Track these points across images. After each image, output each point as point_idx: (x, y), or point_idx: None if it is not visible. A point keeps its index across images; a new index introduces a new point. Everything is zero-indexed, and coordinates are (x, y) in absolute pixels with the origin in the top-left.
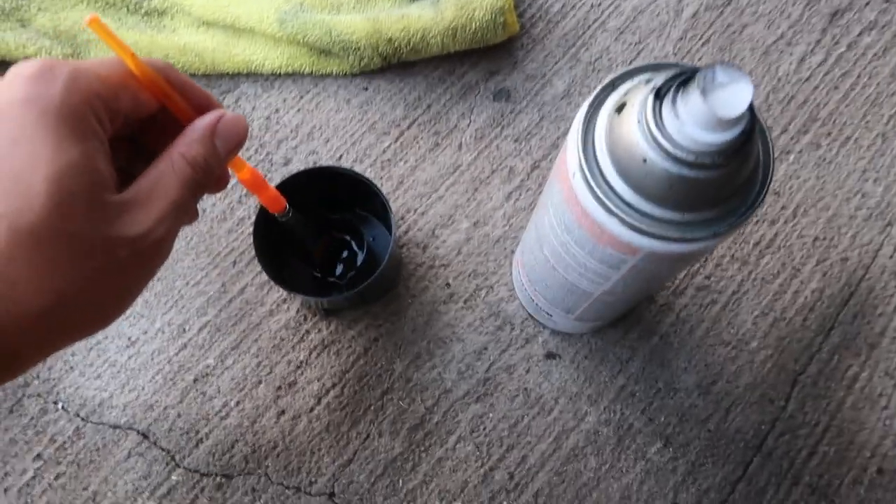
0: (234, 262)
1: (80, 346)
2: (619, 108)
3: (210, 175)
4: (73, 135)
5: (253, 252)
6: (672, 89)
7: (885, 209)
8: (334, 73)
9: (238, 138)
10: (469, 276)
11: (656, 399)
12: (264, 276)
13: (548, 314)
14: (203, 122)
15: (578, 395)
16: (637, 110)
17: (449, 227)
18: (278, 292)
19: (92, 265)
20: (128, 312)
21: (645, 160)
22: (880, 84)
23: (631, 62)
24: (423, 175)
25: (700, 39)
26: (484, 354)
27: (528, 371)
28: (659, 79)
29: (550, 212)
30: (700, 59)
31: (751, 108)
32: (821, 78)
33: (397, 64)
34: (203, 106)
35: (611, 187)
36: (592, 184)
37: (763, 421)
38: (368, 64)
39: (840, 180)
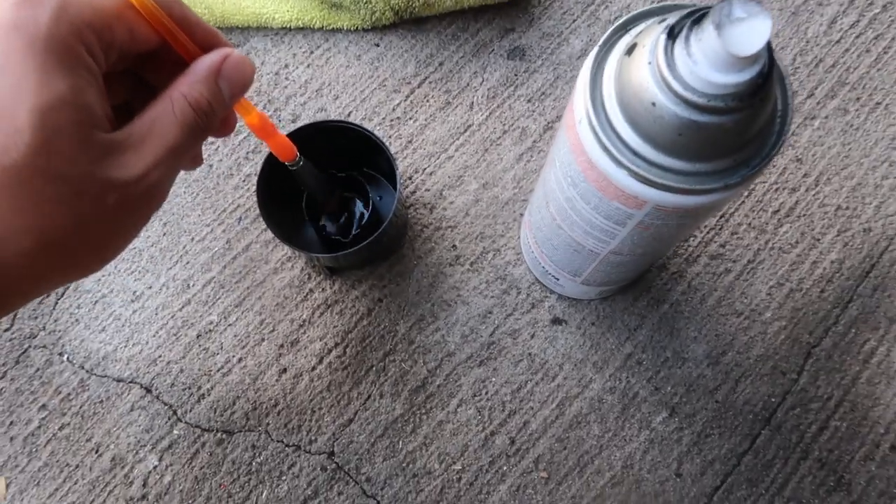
0: (240, 219)
1: (85, 299)
2: (630, 50)
3: (213, 118)
4: (61, 67)
5: (258, 209)
6: (686, 27)
7: None
8: (345, 27)
9: (244, 80)
10: (476, 238)
11: (664, 368)
12: (269, 234)
13: (555, 278)
14: (207, 62)
15: (583, 362)
16: (648, 51)
17: (457, 189)
18: (283, 250)
19: (79, 208)
20: (132, 267)
21: (654, 104)
22: None
23: None
24: (432, 134)
25: None
26: (489, 318)
27: (532, 336)
28: (673, 17)
29: (557, 165)
30: None
31: (769, 48)
32: (852, 40)
33: (410, 19)
34: (209, 43)
35: (617, 135)
36: (599, 131)
37: (773, 393)
38: (380, 18)
39: (867, 148)
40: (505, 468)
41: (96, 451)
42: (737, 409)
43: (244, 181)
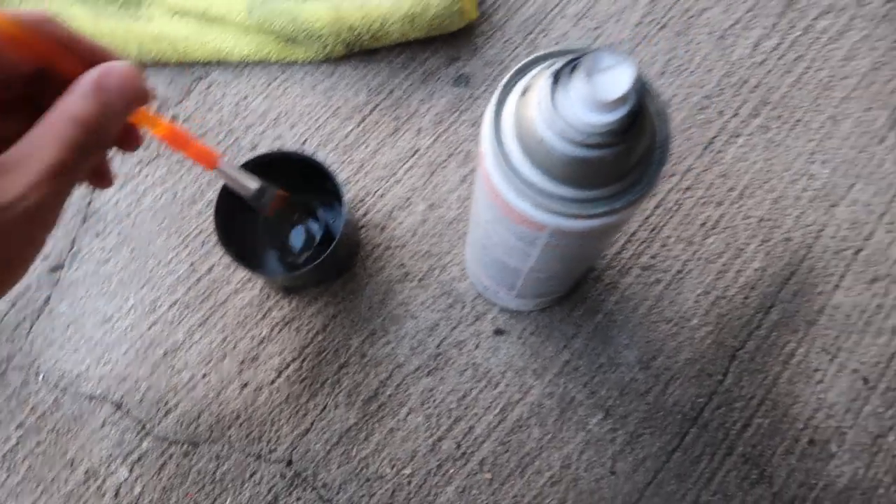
0: (203, 243)
1: (59, 322)
2: (524, 92)
3: (102, 134)
4: None
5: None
6: (566, 74)
7: (831, 191)
8: (300, 60)
9: (131, 90)
10: (423, 256)
11: (598, 373)
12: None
13: (494, 292)
14: (89, 76)
15: (524, 370)
16: (537, 93)
17: (406, 210)
18: (244, 271)
19: None
20: (103, 291)
21: (543, 140)
22: (833, 67)
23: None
24: (382, 159)
25: (657, 24)
26: (435, 331)
27: (477, 346)
28: (558, 64)
29: (477, 192)
30: (657, 43)
31: (639, 89)
32: (774, 62)
33: (362, 51)
34: (95, 60)
35: (516, 167)
36: (501, 164)
37: (700, 394)
38: (332, 51)
39: (788, 162)
40: (451, 471)
41: (71, 466)
42: (667, 410)
43: (207, 207)
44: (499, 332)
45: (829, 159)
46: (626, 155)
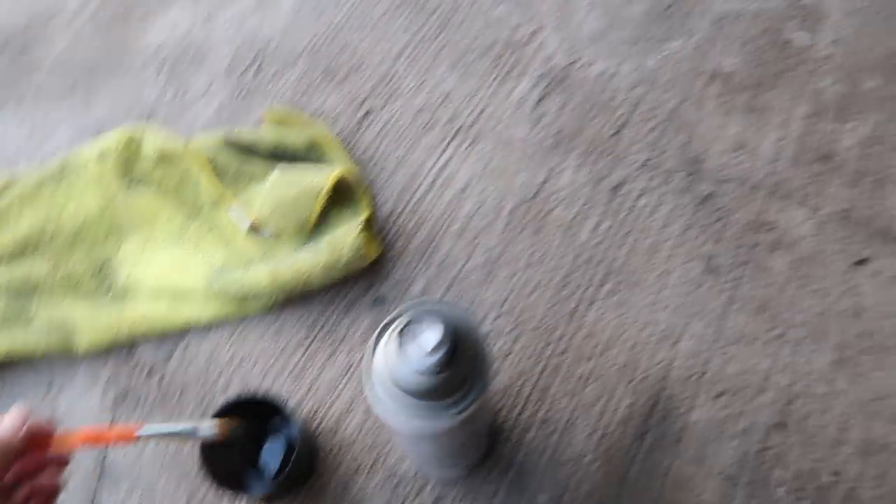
0: (196, 475)
1: None
2: (386, 344)
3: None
4: None
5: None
6: (404, 333)
7: (672, 331)
8: (252, 313)
9: (21, 434)
10: (369, 448)
11: None
12: None
13: (425, 469)
14: None
15: None
16: (392, 344)
17: (350, 414)
18: (230, 493)
19: None
20: None
21: (399, 373)
22: (655, 235)
23: (469, 257)
24: (326, 378)
25: (519, 228)
26: None
27: None
28: (402, 323)
29: None
30: (520, 242)
31: (451, 337)
32: (611, 239)
33: (298, 297)
34: None
35: (386, 393)
36: (375, 392)
37: None
38: (276, 302)
39: (635, 315)
40: None
41: None
42: None
43: (195, 446)
44: (438, 499)
45: (666, 306)
46: (457, 375)
